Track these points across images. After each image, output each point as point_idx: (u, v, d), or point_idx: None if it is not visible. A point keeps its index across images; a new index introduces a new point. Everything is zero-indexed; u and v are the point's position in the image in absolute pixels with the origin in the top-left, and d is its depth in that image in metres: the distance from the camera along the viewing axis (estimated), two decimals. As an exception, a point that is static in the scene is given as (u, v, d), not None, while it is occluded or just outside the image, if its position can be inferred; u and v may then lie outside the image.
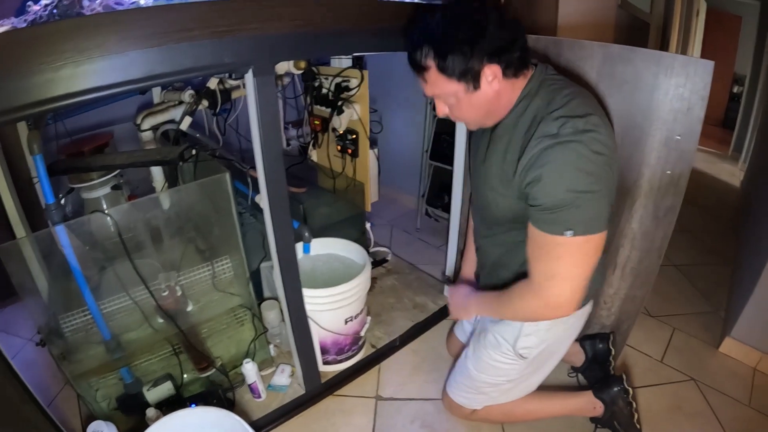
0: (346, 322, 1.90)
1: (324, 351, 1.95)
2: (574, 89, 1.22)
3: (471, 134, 1.52)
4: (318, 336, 1.89)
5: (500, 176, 1.27)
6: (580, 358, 1.92)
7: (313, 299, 1.78)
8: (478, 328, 1.72)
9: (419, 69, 1.22)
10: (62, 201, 1.87)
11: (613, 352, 1.83)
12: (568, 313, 1.25)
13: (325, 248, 2.15)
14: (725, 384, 2.01)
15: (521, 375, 1.61)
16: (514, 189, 1.23)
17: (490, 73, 1.17)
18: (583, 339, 1.92)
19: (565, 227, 1.12)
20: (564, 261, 1.17)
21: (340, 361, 2.01)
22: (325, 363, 1.99)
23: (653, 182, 1.55)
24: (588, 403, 1.73)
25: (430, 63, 1.18)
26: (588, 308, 1.54)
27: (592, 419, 1.77)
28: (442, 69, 1.17)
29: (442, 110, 1.31)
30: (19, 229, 1.83)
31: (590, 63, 1.56)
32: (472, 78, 1.17)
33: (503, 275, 1.50)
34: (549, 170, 1.11)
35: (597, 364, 1.85)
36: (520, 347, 1.50)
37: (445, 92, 1.23)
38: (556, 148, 1.10)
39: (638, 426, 1.71)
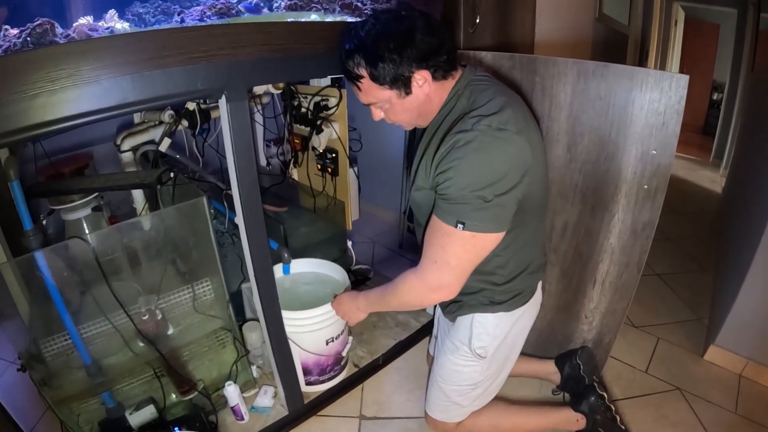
0: (328, 342, 1.89)
1: (306, 372, 1.94)
2: (498, 89, 1.26)
3: (412, 138, 1.57)
4: (299, 357, 1.88)
5: (423, 171, 1.29)
6: (557, 377, 1.93)
7: (294, 321, 1.77)
8: (439, 335, 1.74)
9: (353, 78, 1.26)
10: (44, 222, 1.86)
11: (582, 367, 1.83)
12: (449, 296, 1.30)
13: (306, 268, 2.14)
14: (711, 392, 2.02)
15: (485, 376, 1.60)
16: (429, 181, 1.26)
17: (420, 78, 1.21)
18: (556, 359, 1.94)
19: (458, 219, 1.17)
20: (448, 250, 1.22)
21: (323, 382, 2.00)
22: (308, 384, 1.98)
23: (630, 197, 1.56)
24: (570, 417, 1.75)
25: (363, 72, 1.22)
26: (537, 298, 1.56)
27: None
28: (374, 77, 1.21)
29: (378, 115, 1.35)
30: (-1, 252, 1.81)
31: (564, 80, 1.57)
32: (404, 84, 1.22)
33: None
34: (457, 166, 1.14)
35: (572, 380, 1.86)
36: (475, 347, 1.51)
37: (379, 99, 1.27)
38: (467, 146, 1.14)
39: (623, 427, 1.73)
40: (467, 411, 1.68)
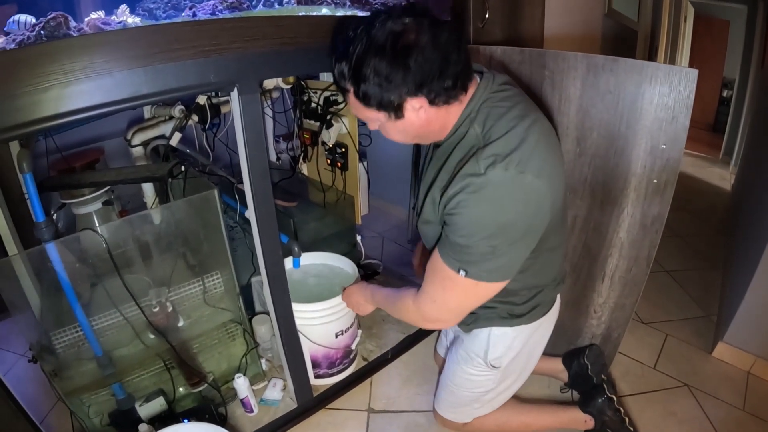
0: (337, 335, 1.90)
1: (315, 365, 1.95)
2: (519, 110, 1.11)
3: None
4: (309, 350, 1.88)
5: (431, 205, 1.18)
6: (565, 375, 1.93)
7: (303, 314, 1.78)
8: (452, 345, 1.72)
9: (339, 88, 1.12)
10: (54, 217, 1.88)
11: (590, 367, 1.83)
12: (445, 327, 1.33)
13: (315, 260, 2.15)
14: (719, 389, 2.01)
15: (499, 384, 1.60)
16: (438, 216, 1.16)
17: (416, 103, 1.05)
18: (564, 357, 1.94)
19: (461, 266, 1.10)
20: (449, 294, 1.19)
21: (332, 375, 2.01)
22: (317, 377, 1.99)
23: (640, 191, 1.56)
24: (578, 418, 1.75)
25: (348, 86, 1.07)
26: (556, 307, 1.54)
27: None
28: (357, 95, 1.07)
29: (373, 126, 1.19)
30: (11, 245, 1.82)
31: (574, 74, 1.57)
32: (393, 109, 1.07)
33: None
34: (466, 213, 1.04)
35: (580, 379, 1.86)
36: (490, 359, 1.49)
37: (367, 117, 1.14)
38: (479, 193, 1.02)
39: (631, 429, 1.72)
40: (477, 413, 1.69)
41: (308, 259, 2.12)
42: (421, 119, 1.09)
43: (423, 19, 1.01)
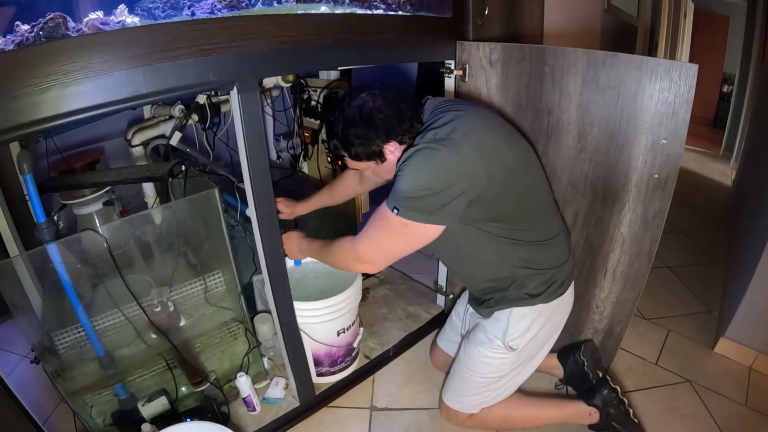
0: (339, 333, 1.90)
1: (317, 363, 1.95)
2: (451, 109, 1.40)
3: None
4: (311, 348, 1.89)
5: None
6: (560, 371, 1.94)
7: (305, 312, 1.78)
8: (469, 330, 1.76)
9: (337, 156, 1.48)
10: (55, 218, 1.88)
11: (585, 363, 1.84)
12: (371, 271, 1.51)
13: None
14: (721, 384, 2.01)
15: (513, 369, 1.64)
16: None
17: (391, 147, 1.39)
18: (559, 353, 1.95)
19: (394, 205, 1.31)
20: (385, 233, 1.38)
21: (334, 373, 2.01)
22: (319, 375, 1.99)
23: (641, 186, 1.55)
24: (582, 411, 1.76)
25: (343, 153, 1.44)
26: (569, 300, 1.62)
27: (591, 427, 1.78)
28: (352, 156, 1.43)
29: (368, 175, 1.64)
30: (12, 247, 1.82)
31: (574, 69, 1.57)
32: (377, 156, 1.41)
33: (481, 285, 1.62)
34: (404, 170, 1.30)
35: (576, 375, 1.88)
36: (509, 339, 1.56)
37: (362, 167, 1.49)
38: (415, 155, 1.30)
39: (636, 420, 1.73)
40: (486, 403, 1.71)
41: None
42: (396, 157, 1.41)
43: (374, 90, 1.39)
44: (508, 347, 1.57)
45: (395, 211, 1.31)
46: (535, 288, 1.51)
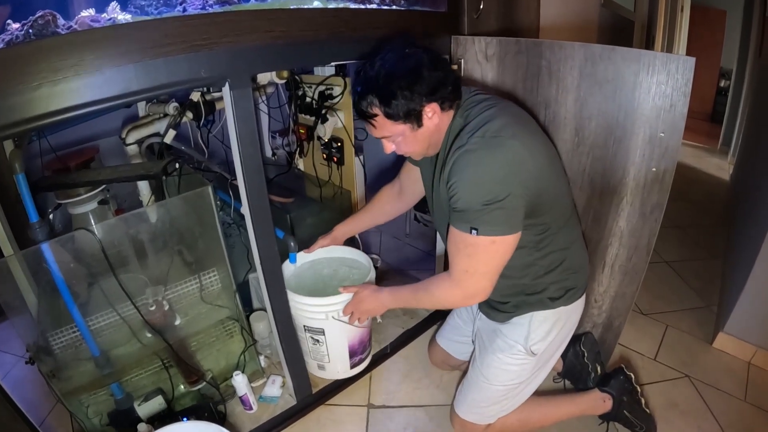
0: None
1: (353, 354, 1.88)
2: (490, 101, 1.35)
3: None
4: (348, 341, 1.83)
5: (444, 198, 1.36)
6: (560, 364, 1.93)
7: (334, 306, 1.72)
8: (480, 338, 1.71)
9: (367, 116, 1.34)
10: (51, 217, 1.87)
11: (585, 354, 1.84)
12: (483, 299, 1.39)
13: (329, 253, 2.08)
14: (720, 379, 2.01)
15: (532, 373, 1.62)
16: (448, 198, 1.32)
17: (430, 110, 1.30)
18: None
19: (471, 226, 1.24)
20: (475, 258, 1.30)
21: (364, 359, 1.96)
22: (353, 366, 1.93)
23: (639, 180, 1.55)
24: (597, 399, 1.76)
25: (377, 110, 1.30)
26: (582, 301, 1.61)
27: (602, 416, 1.78)
28: (388, 114, 1.29)
29: (389, 148, 1.43)
30: (7, 246, 1.81)
31: (571, 63, 1.56)
32: (415, 118, 1.30)
33: (500, 291, 1.49)
34: (459, 180, 1.24)
35: (575, 367, 1.87)
36: (531, 344, 1.54)
37: (393, 133, 1.35)
38: (464, 158, 1.24)
39: (647, 411, 1.73)
40: (503, 411, 1.68)
41: (322, 251, 2.04)
42: (434, 124, 1.33)
43: (419, 48, 1.30)
44: (530, 352, 1.54)
45: (474, 232, 1.24)
46: (556, 291, 1.50)
